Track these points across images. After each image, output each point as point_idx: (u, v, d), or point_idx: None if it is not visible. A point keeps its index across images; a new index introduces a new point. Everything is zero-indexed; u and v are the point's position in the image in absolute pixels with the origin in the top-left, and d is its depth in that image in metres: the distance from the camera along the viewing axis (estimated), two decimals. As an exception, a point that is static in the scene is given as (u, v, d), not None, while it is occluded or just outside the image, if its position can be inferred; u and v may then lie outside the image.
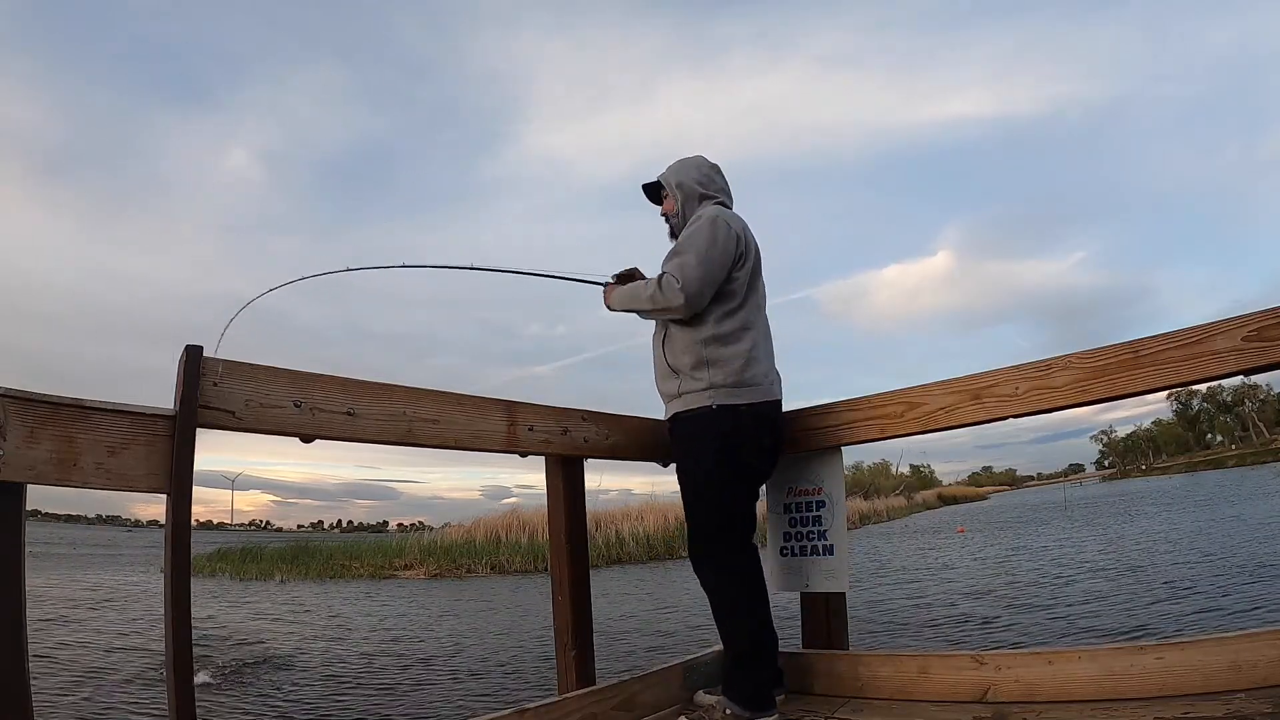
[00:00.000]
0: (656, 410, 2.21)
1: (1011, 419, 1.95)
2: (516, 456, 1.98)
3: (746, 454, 2.03)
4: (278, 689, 4.59)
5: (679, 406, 2.06)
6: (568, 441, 2.09)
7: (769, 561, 2.35)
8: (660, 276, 2.04)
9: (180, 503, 1.33)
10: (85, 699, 4.20)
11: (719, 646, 2.12)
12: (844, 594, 2.28)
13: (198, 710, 1.28)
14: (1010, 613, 5.79)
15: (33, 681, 1.16)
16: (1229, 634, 1.64)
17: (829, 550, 2.25)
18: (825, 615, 2.28)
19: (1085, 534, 13.13)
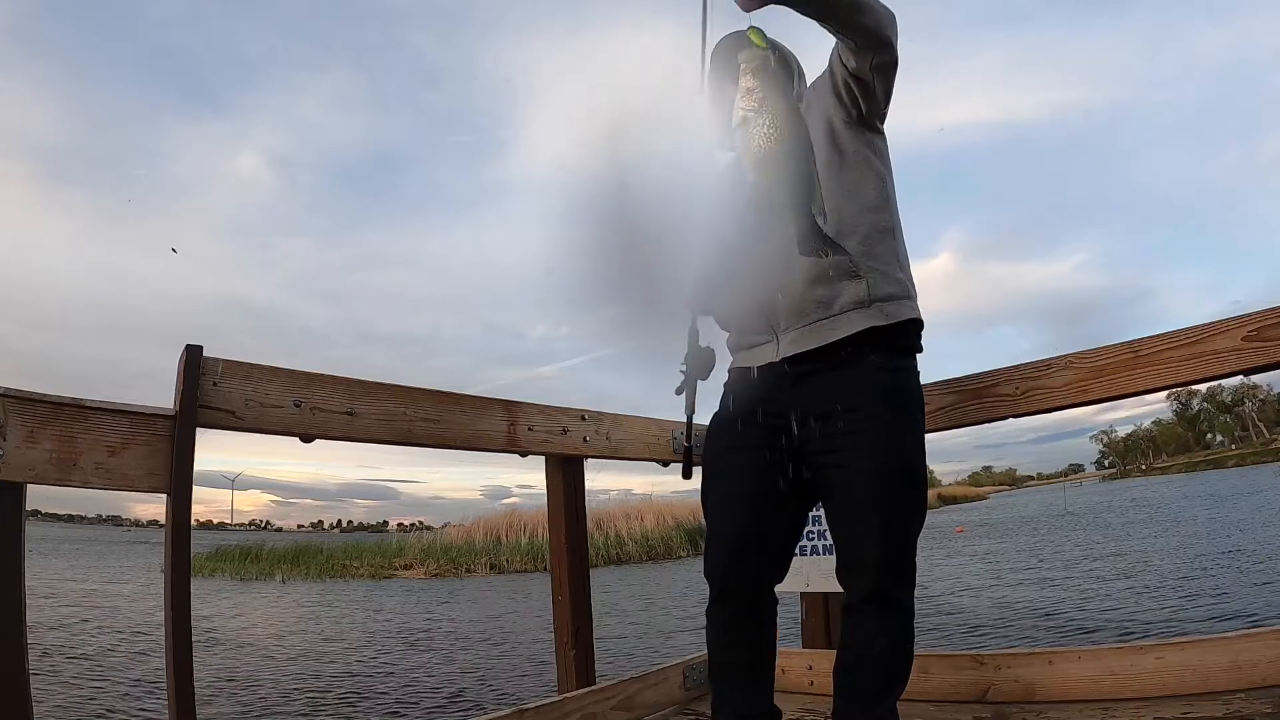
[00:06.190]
0: (657, 410, 2.21)
1: (1011, 419, 1.95)
2: (516, 456, 1.98)
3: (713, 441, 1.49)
4: (278, 689, 4.59)
5: None
6: (568, 441, 2.09)
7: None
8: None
9: (180, 503, 1.33)
10: (85, 699, 4.21)
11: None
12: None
13: (198, 711, 1.28)
14: (1009, 612, 5.79)
15: (32, 681, 1.16)
16: (1229, 634, 1.64)
17: (829, 550, 2.24)
18: (825, 615, 2.27)
19: (1084, 534, 13.12)
